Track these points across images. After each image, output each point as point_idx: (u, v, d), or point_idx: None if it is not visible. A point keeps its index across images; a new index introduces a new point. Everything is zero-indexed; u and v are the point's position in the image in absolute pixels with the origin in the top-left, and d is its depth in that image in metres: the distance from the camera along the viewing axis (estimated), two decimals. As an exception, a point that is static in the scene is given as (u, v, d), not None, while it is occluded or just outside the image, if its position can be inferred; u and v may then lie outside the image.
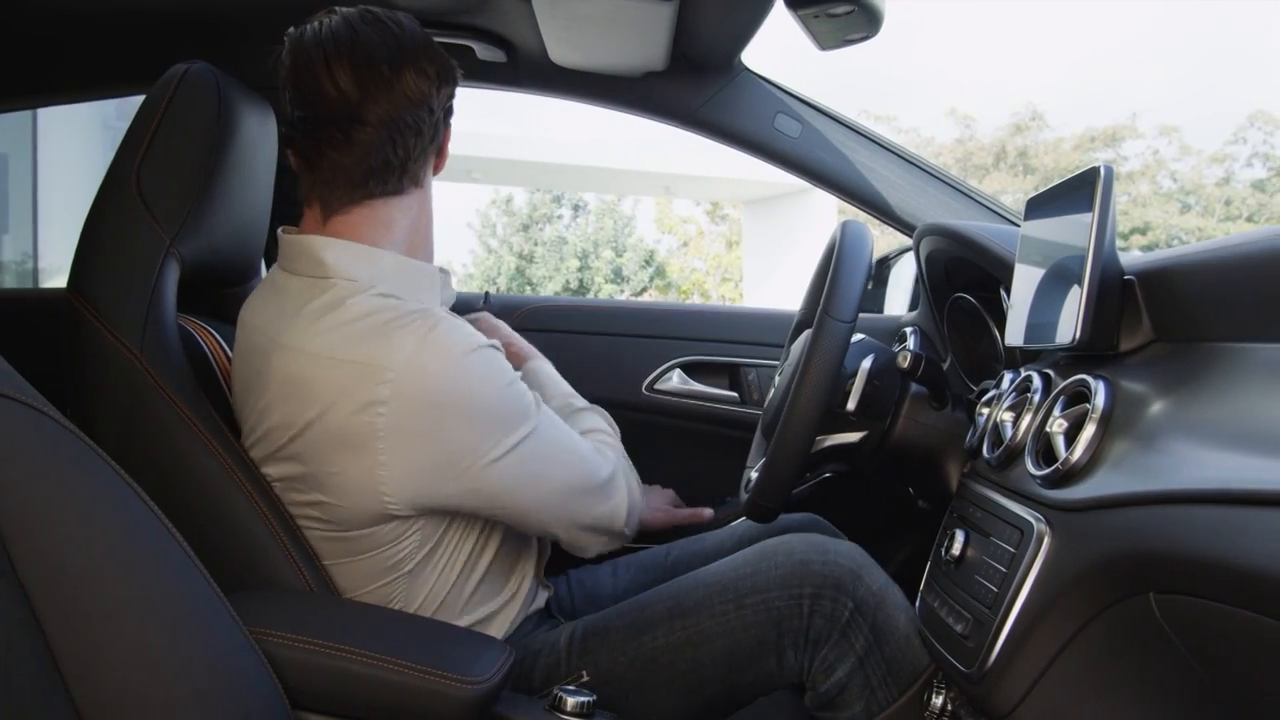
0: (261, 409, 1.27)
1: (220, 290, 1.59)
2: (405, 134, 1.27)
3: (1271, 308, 0.88)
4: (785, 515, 1.64)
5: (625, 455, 1.50)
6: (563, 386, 1.58)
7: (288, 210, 1.87)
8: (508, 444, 1.24)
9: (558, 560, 1.61)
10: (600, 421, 1.54)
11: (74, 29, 1.71)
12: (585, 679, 1.34)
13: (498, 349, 1.28)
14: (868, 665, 1.31)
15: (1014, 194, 18.70)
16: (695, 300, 21.69)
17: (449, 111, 1.35)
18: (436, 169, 1.38)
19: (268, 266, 1.95)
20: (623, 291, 22.25)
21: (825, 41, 1.58)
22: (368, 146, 1.26)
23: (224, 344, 1.48)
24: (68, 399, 1.30)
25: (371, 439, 1.19)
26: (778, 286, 15.33)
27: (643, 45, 1.69)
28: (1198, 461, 0.81)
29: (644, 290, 22.35)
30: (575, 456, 1.35)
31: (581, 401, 1.56)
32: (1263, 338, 0.88)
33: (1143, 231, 19.63)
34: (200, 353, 1.44)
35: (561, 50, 1.75)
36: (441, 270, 1.38)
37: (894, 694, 1.31)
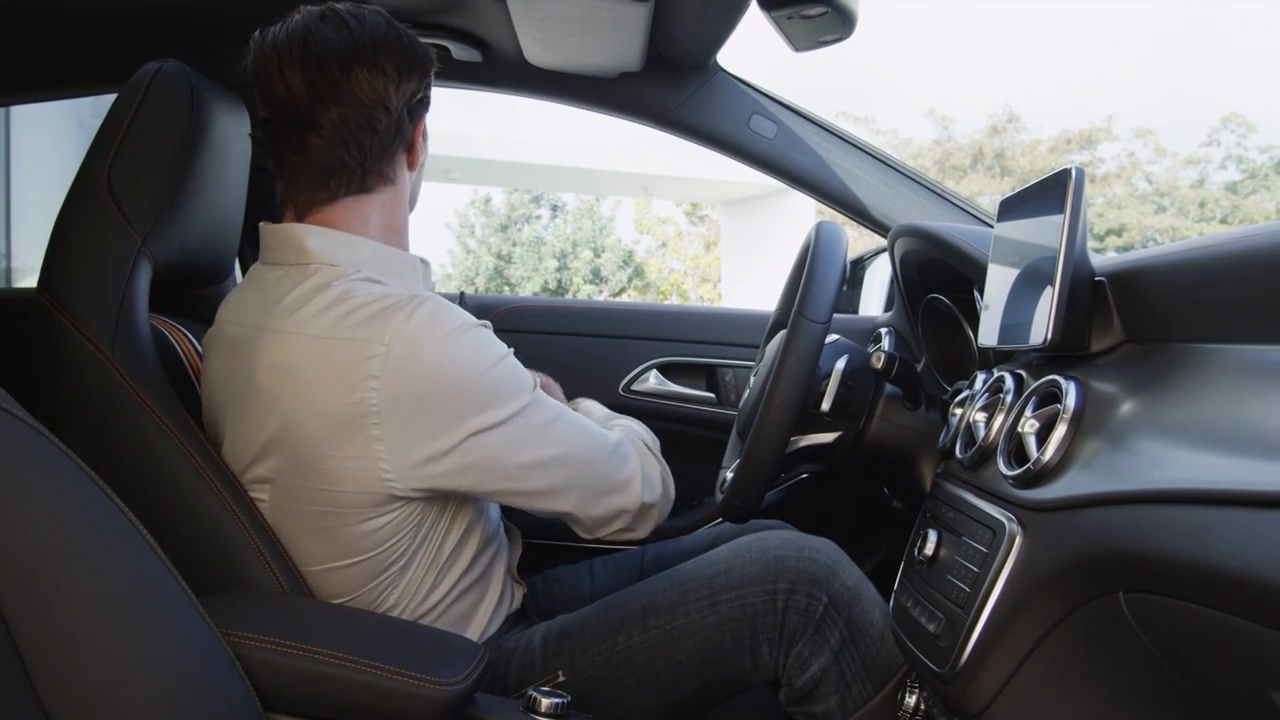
0: (249, 403, 1.25)
1: (193, 290, 1.58)
2: (359, 134, 1.27)
3: (1240, 309, 0.89)
4: (755, 520, 1.64)
5: (653, 454, 1.48)
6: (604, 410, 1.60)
7: (262, 210, 1.87)
8: (500, 415, 1.23)
9: (533, 559, 1.60)
10: (632, 423, 1.54)
11: (45, 26, 1.70)
12: (561, 679, 1.34)
13: (488, 327, 1.27)
14: (842, 660, 1.31)
15: (991, 195, 18.79)
16: (674, 301, 21.70)
17: (418, 105, 1.33)
18: (411, 164, 1.36)
19: (242, 267, 1.94)
20: (601, 292, 22.24)
21: (799, 43, 1.59)
22: (323, 149, 1.26)
23: (197, 344, 1.48)
24: (38, 400, 1.29)
25: (366, 416, 1.18)
26: (756, 287, 15.36)
27: (618, 46, 1.69)
28: (1167, 461, 0.81)
29: (622, 291, 22.34)
30: (576, 428, 1.32)
31: (622, 418, 1.56)
32: (1231, 339, 0.89)
33: (1118, 233, 19.74)
34: (173, 353, 1.43)
35: (537, 50, 1.75)
36: (422, 260, 1.38)
37: (869, 689, 1.32)
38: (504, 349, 1.27)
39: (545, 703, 1.15)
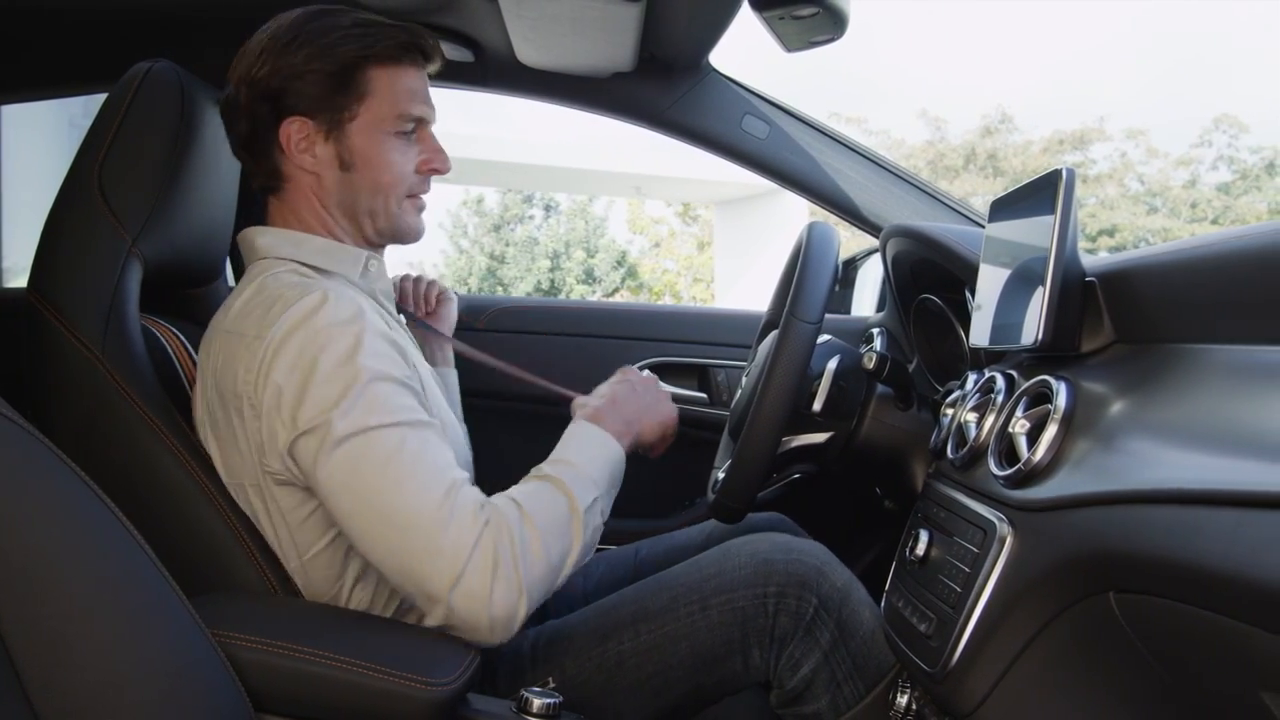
0: (200, 395, 1.32)
1: (184, 291, 1.58)
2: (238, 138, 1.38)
3: (1230, 310, 0.89)
4: (752, 515, 1.64)
5: (549, 549, 1.21)
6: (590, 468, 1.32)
7: (253, 211, 1.86)
8: (340, 431, 1.16)
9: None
10: (549, 503, 1.25)
11: (35, 26, 1.69)
12: (551, 685, 1.33)
13: (388, 340, 1.25)
14: (833, 660, 1.31)
15: (984, 195, 18.79)
16: (667, 301, 21.71)
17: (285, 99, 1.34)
18: (347, 154, 1.36)
19: (233, 267, 1.94)
20: (595, 292, 22.23)
21: (791, 43, 1.59)
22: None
23: (188, 345, 1.47)
24: (28, 400, 1.29)
25: (241, 399, 1.22)
26: (749, 287, 15.35)
27: (610, 46, 1.69)
28: (1157, 462, 0.82)
29: (616, 291, 22.34)
30: (414, 482, 1.16)
31: (584, 489, 1.28)
32: (1221, 339, 0.89)
33: (1110, 233, 19.79)
34: (163, 354, 1.43)
35: (529, 50, 1.75)
36: (372, 257, 1.41)
37: (860, 689, 1.32)
38: (383, 367, 1.21)
39: (537, 703, 1.15)
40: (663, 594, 1.36)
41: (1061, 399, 0.99)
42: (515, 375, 1.69)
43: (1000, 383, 1.17)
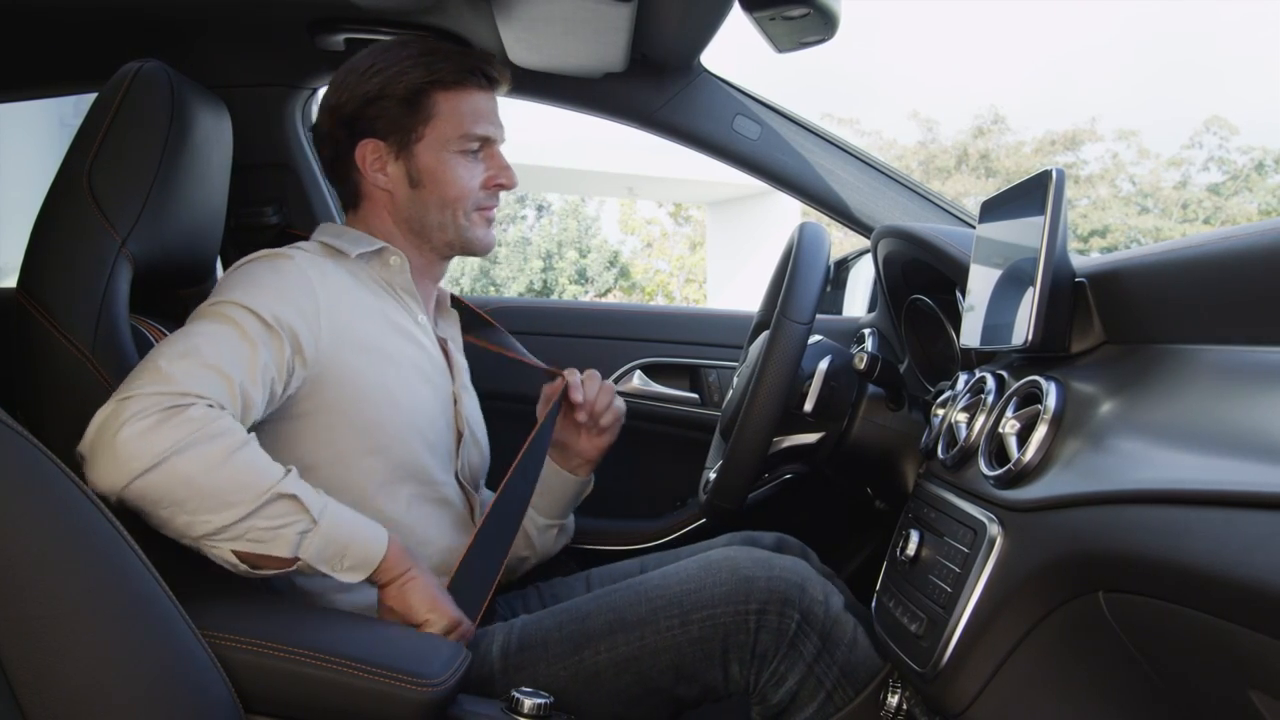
0: None
1: (175, 291, 1.57)
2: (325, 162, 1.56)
3: (1218, 311, 0.89)
4: (756, 534, 1.64)
5: (228, 456, 1.17)
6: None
7: (243, 212, 1.86)
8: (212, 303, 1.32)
9: (525, 574, 1.60)
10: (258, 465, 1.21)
11: (24, 26, 1.69)
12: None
13: (289, 282, 1.36)
14: (819, 669, 1.31)
15: (977, 196, 18.85)
16: (659, 301, 21.71)
17: (371, 115, 1.48)
18: (415, 172, 1.49)
19: (224, 267, 1.93)
20: (587, 293, 22.23)
21: (781, 44, 1.59)
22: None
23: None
24: (18, 401, 1.28)
25: None
26: (741, 287, 15.38)
27: (601, 46, 1.69)
28: (1146, 462, 0.82)
29: (608, 291, 22.34)
30: (200, 345, 1.23)
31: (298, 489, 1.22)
32: (1210, 340, 0.89)
33: (1102, 234, 19.86)
34: (154, 354, 1.42)
35: (520, 51, 1.75)
36: (392, 251, 1.51)
37: (849, 695, 1.31)
38: (269, 296, 1.32)
39: (528, 703, 1.15)
40: (640, 604, 1.34)
41: (1051, 399, 0.99)
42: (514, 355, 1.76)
43: (991, 383, 1.17)
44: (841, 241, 7.11)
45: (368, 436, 1.39)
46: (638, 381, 2.11)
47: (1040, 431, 0.98)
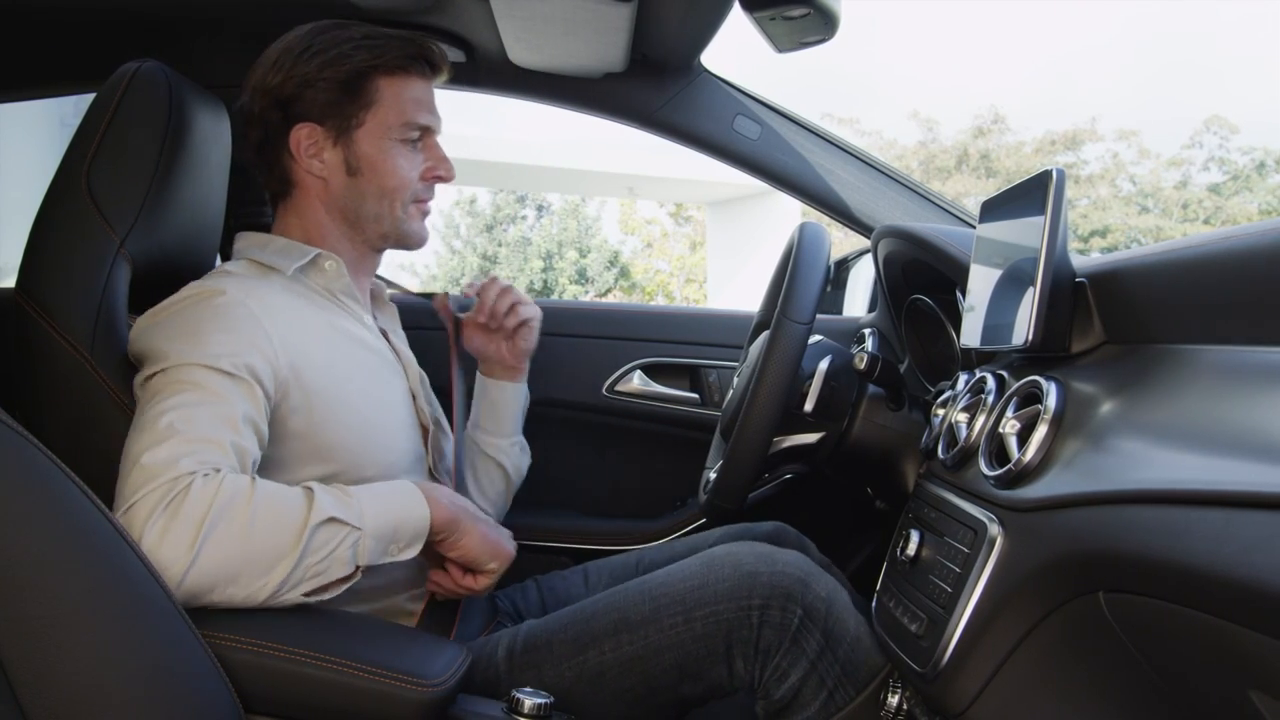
0: None
1: (174, 291, 1.57)
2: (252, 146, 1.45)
3: (1218, 311, 0.89)
4: (754, 524, 1.64)
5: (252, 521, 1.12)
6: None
7: (242, 212, 1.86)
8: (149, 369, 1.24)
9: (527, 564, 1.60)
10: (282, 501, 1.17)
11: (21, 26, 1.69)
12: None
13: (245, 322, 1.27)
14: (821, 666, 1.31)
15: (977, 196, 18.86)
16: (660, 301, 21.71)
17: (313, 106, 1.40)
18: (354, 160, 1.42)
19: (223, 267, 1.93)
20: (588, 293, 22.24)
21: (781, 44, 1.59)
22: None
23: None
24: (16, 401, 1.28)
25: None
26: (742, 287, 15.37)
27: (602, 46, 1.69)
28: (1146, 462, 0.82)
29: (609, 291, 22.35)
30: (149, 444, 1.15)
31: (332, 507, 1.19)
32: (1210, 340, 0.89)
33: (1102, 234, 19.86)
34: (153, 354, 1.42)
35: (521, 51, 1.75)
36: (327, 256, 1.44)
37: (850, 693, 1.31)
38: (216, 342, 1.24)
39: (529, 703, 1.15)
40: (644, 603, 1.34)
41: (1051, 399, 0.99)
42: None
43: (991, 383, 1.17)
44: (841, 241, 7.11)
45: (334, 459, 1.34)
46: (638, 381, 2.11)
47: (1040, 431, 0.98)
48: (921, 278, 1.64)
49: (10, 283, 1.37)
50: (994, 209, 1.25)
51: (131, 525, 1.07)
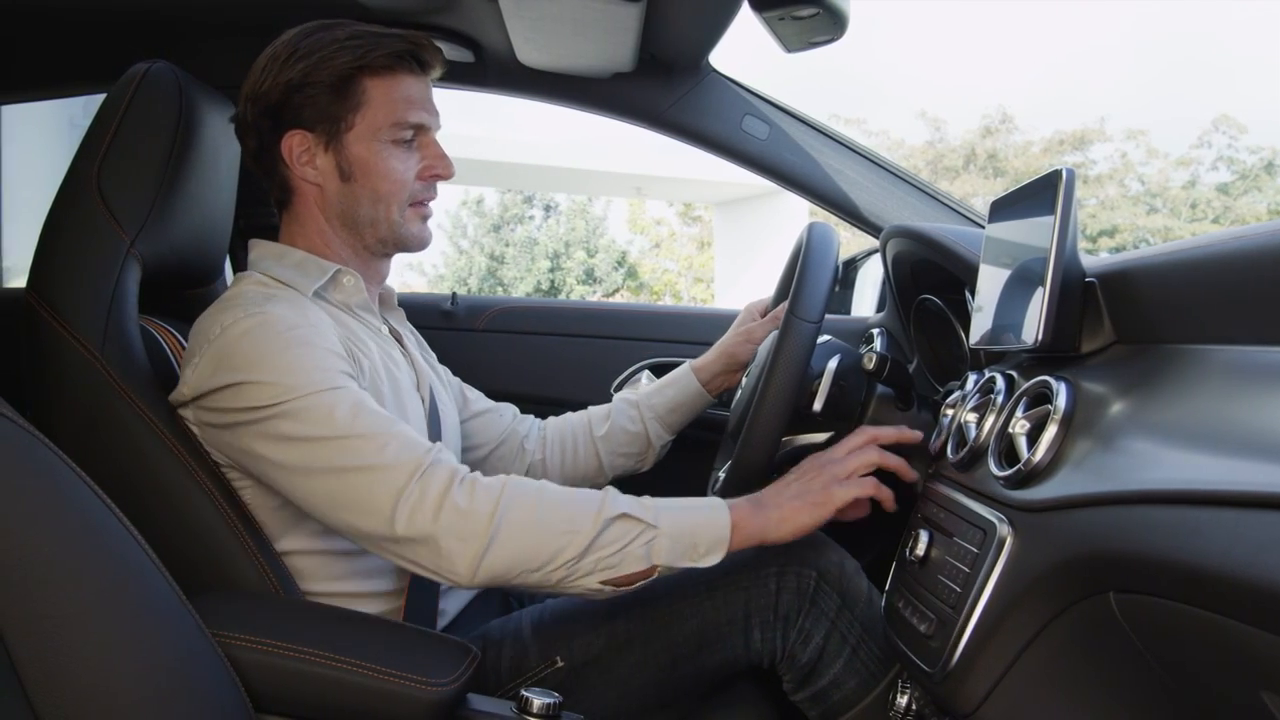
0: None
1: (183, 291, 1.58)
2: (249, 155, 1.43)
3: (1230, 310, 0.89)
4: None
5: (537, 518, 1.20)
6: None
7: (252, 212, 1.87)
8: (270, 400, 1.23)
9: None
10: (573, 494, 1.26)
11: (32, 26, 1.69)
12: (560, 664, 1.34)
13: (311, 342, 1.27)
14: (841, 624, 1.34)
15: (984, 196, 18.82)
16: (667, 301, 21.71)
17: (310, 112, 1.38)
18: (346, 164, 1.40)
19: (232, 267, 1.94)
20: (595, 293, 22.24)
21: (790, 44, 1.59)
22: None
23: (186, 345, 1.47)
24: (27, 400, 1.29)
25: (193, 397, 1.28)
26: (749, 287, 15.36)
27: (610, 46, 1.69)
28: (1156, 462, 0.82)
29: (616, 291, 22.35)
30: (351, 435, 1.20)
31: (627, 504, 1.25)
32: (1221, 340, 0.89)
33: (1110, 234, 19.81)
34: (162, 354, 1.43)
35: (529, 51, 1.75)
36: (345, 272, 1.43)
37: (874, 650, 1.33)
38: (314, 358, 1.25)
39: (538, 703, 1.15)
40: (669, 577, 1.36)
41: (1061, 399, 0.99)
42: None
43: (1000, 383, 1.17)
44: (850, 241, 7.10)
45: None
46: (645, 381, 2.11)
47: (1050, 432, 0.97)
48: (930, 278, 1.64)
49: (21, 283, 1.37)
50: (1003, 209, 1.24)
51: (415, 520, 1.17)
